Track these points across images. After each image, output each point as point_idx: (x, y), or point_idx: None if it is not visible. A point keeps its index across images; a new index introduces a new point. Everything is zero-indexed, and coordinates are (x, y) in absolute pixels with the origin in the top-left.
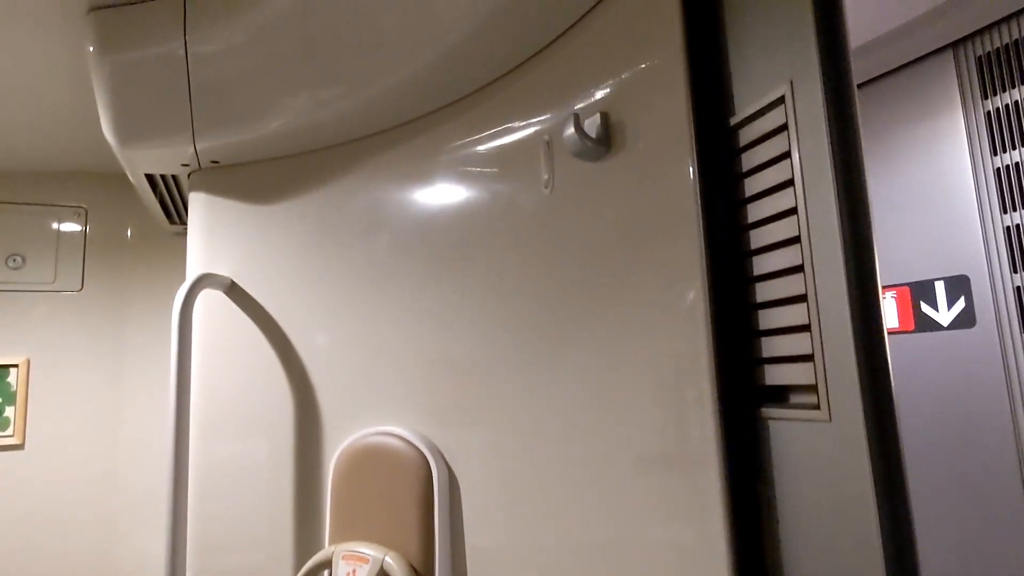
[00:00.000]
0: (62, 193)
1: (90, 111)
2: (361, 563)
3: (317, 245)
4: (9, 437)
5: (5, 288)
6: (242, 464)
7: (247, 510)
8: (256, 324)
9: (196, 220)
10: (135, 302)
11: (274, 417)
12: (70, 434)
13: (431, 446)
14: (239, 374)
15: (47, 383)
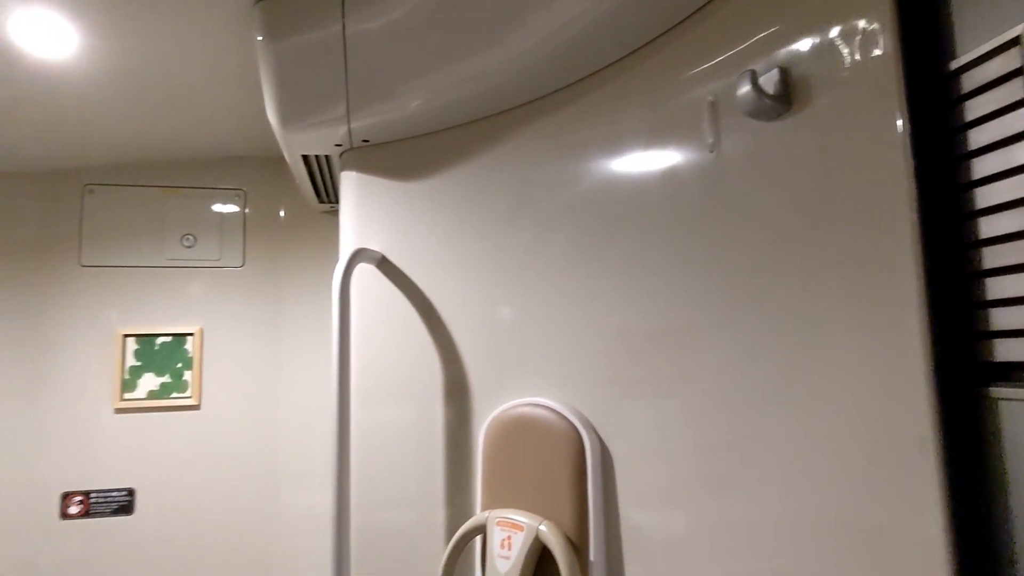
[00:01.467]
0: (224, 177)
1: (250, 99)
2: (516, 530)
3: (465, 219)
4: (188, 398)
5: (181, 265)
6: (395, 429)
7: (399, 472)
8: (406, 297)
9: (348, 198)
10: (288, 277)
11: (424, 385)
12: (237, 396)
13: (582, 418)
14: (390, 344)
15: (217, 350)
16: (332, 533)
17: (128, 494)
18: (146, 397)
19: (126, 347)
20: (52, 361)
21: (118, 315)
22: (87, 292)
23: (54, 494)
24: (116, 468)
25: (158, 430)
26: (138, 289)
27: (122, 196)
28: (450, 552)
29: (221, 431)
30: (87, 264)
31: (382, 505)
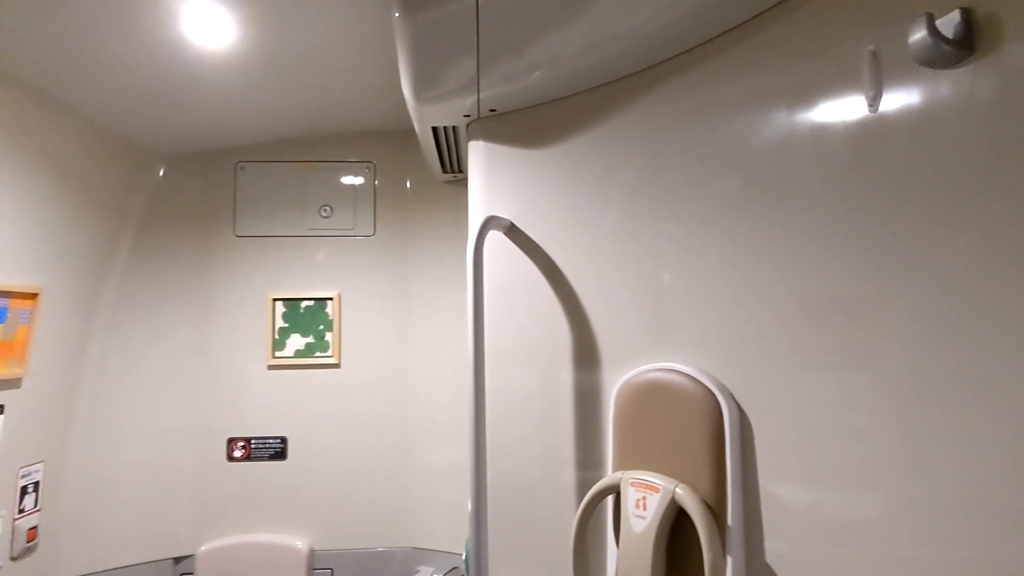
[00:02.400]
0: (355, 151)
1: (382, 75)
2: (651, 491)
3: (593, 185)
4: (329, 357)
5: (320, 234)
6: (524, 392)
7: (529, 433)
8: (534, 262)
9: (475, 167)
10: (415, 244)
11: (553, 350)
12: (372, 355)
13: (719, 385)
14: (519, 309)
15: (353, 313)
16: (472, 488)
17: (281, 442)
18: (293, 356)
19: (275, 310)
20: (215, 322)
21: (268, 281)
22: (241, 260)
23: (221, 440)
24: (271, 418)
25: (305, 385)
26: (284, 256)
27: (268, 172)
28: (584, 508)
29: (359, 388)
30: (241, 235)
31: (513, 463)
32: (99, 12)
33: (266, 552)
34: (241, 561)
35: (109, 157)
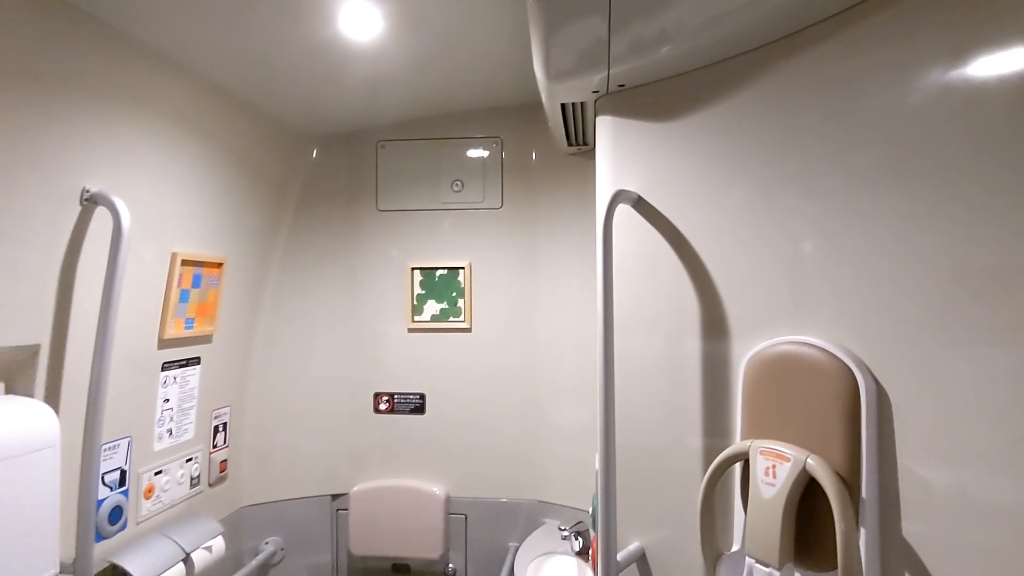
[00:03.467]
0: (483, 126)
1: (510, 53)
2: (781, 460)
3: (723, 157)
4: (461, 322)
5: (452, 207)
6: (649, 359)
7: (653, 399)
8: (661, 234)
9: (603, 141)
10: (540, 215)
11: (679, 320)
12: (500, 322)
13: (856, 359)
14: (644, 279)
15: (483, 282)
16: (601, 448)
17: (420, 398)
18: (430, 320)
19: (413, 278)
20: (362, 288)
21: (406, 251)
22: (382, 232)
23: (368, 393)
24: (411, 376)
25: (441, 347)
26: (420, 229)
27: (405, 149)
28: (712, 472)
29: (489, 350)
30: (382, 208)
31: (639, 426)
32: (274, 21)
33: (409, 495)
34: (388, 501)
35: (274, 142)
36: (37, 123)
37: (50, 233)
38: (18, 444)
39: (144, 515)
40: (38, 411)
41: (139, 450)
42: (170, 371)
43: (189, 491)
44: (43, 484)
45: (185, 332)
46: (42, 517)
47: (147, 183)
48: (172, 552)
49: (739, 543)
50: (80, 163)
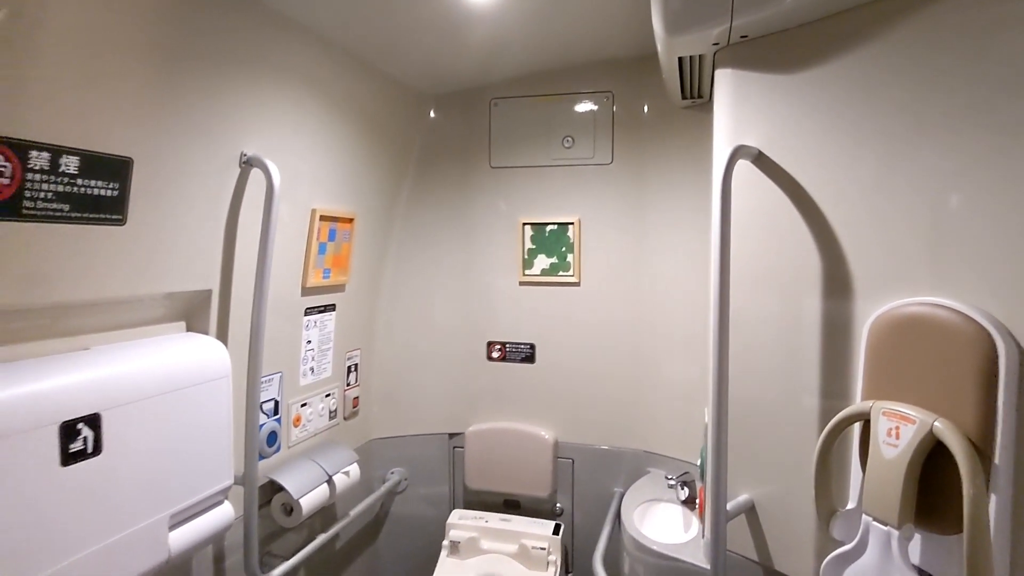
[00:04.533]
0: (594, 81)
1: (624, 6)
2: (905, 422)
3: (853, 108)
4: (570, 276)
5: (563, 164)
6: (766, 315)
7: (769, 355)
8: (783, 190)
9: (723, 95)
10: (651, 170)
11: (799, 277)
12: (609, 276)
13: (995, 322)
14: (762, 236)
15: (592, 237)
16: (711, 402)
17: (531, 348)
18: (540, 274)
19: (524, 233)
20: (477, 243)
21: (518, 206)
22: (495, 189)
23: (482, 342)
24: (522, 327)
25: (550, 300)
26: (531, 185)
27: (517, 107)
28: (830, 430)
29: (597, 304)
30: (495, 166)
31: (752, 383)
32: None
33: (519, 438)
34: (500, 443)
35: (395, 103)
36: (202, 97)
37: (216, 193)
38: (200, 373)
39: (293, 441)
40: (214, 347)
41: (288, 384)
42: (311, 316)
43: (328, 423)
44: (219, 408)
45: (323, 281)
46: (219, 437)
47: (290, 146)
48: (318, 474)
49: (855, 501)
50: (237, 130)
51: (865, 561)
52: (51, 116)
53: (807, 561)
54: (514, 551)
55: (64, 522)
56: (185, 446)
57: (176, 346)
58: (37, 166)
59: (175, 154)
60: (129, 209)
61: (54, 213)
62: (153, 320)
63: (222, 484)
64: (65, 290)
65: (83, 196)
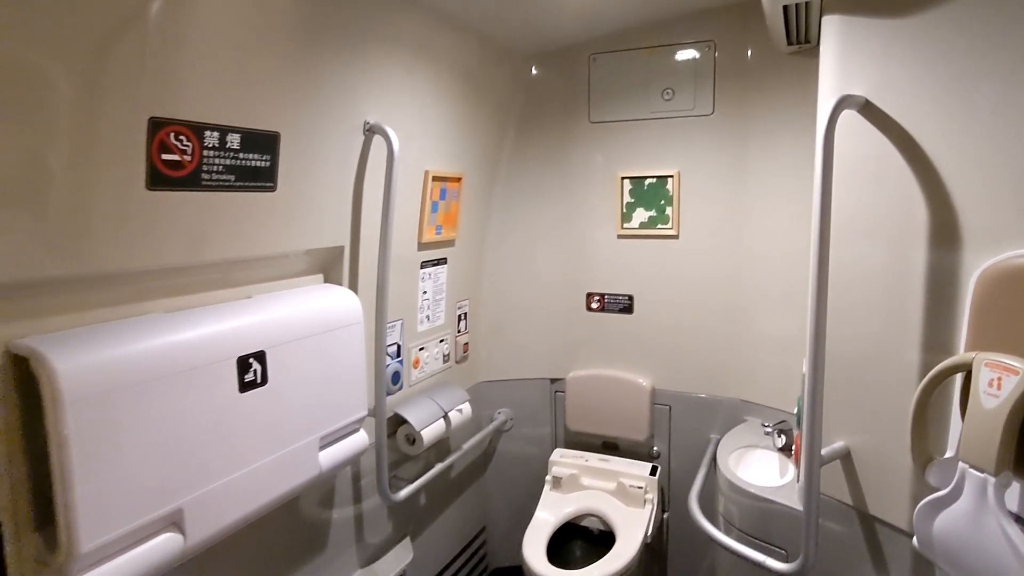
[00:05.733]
0: (695, 31)
1: None
2: (1009, 373)
3: (970, 52)
4: (669, 229)
5: (662, 116)
6: (867, 266)
7: (869, 307)
8: (890, 139)
9: (829, 42)
10: (753, 120)
11: (905, 227)
12: (707, 229)
13: None
14: (868, 185)
15: (691, 190)
16: (809, 350)
17: (629, 299)
18: (638, 227)
19: (623, 187)
20: (576, 197)
21: (617, 161)
22: (594, 143)
23: (582, 293)
24: (620, 279)
25: (648, 253)
26: (630, 139)
27: (616, 61)
28: (929, 380)
29: (696, 257)
30: (594, 120)
31: (850, 335)
32: None
33: (617, 384)
34: (599, 388)
35: (498, 64)
36: (332, 71)
37: (344, 160)
38: (339, 319)
39: (413, 380)
40: (348, 296)
41: (408, 330)
42: (426, 269)
43: (442, 365)
44: (354, 350)
45: (436, 237)
46: (355, 374)
47: (404, 112)
48: (435, 410)
49: (953, 450)
50: (360, 100)
51: (960, 506)
52: (217, 99)
53: (901, 506)
54: (612, 488)
55: (244, 437)
56: (329, 381)
57: (318, 296)
58: (210, 144)
59: (311, 126)
60: (278, 177)
61: (224, 183)
62: (297, 273)
63: (358, 414)
64: (230, 248)
65: (244, 167)
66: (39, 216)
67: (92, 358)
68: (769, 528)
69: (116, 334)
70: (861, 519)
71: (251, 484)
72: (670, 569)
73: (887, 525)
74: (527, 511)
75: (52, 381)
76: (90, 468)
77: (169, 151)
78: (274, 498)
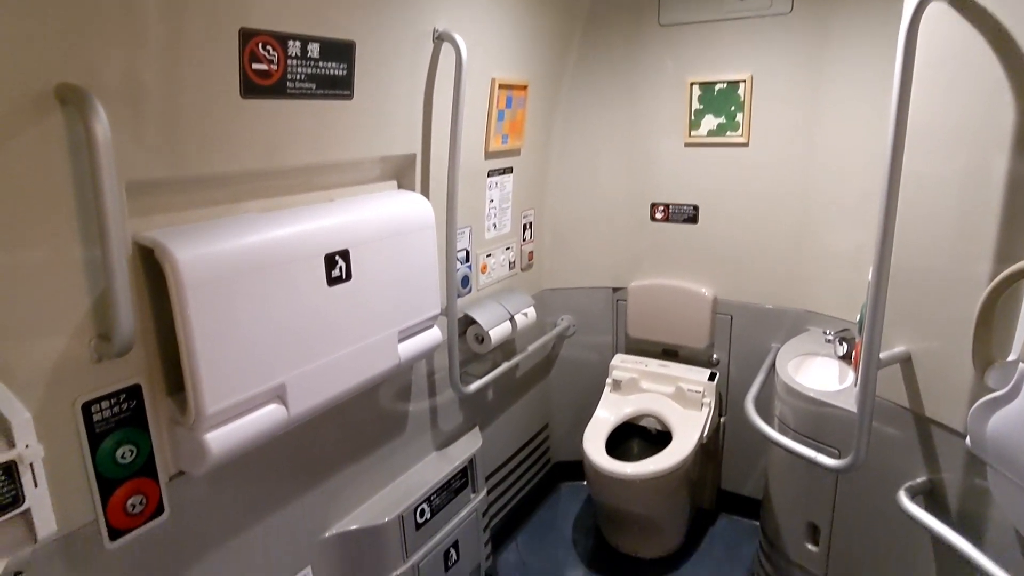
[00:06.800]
0: None
1: None
2: None
3: None
4: (739, 137)
5: (736, 16)
6: (944, 176)
7: (941, 220)
8: (982, 33)
9: None
10: (834, 17)
11: (992, 132)
12: (780, 136)
13: None
14: (953, 88)
15: (764, 95)
16: (875, 267)
17: (694, 209)
18: (707, 135)
19: (692, 93)
20: (643, 103)
21: (686, 65)
22: (662, 47)
23: (646, 203)
24: (686, 188)
25: (715, 162)
26: (701, 42)
27: None
28: (999, 282)
29: (765, 166)
30: (664, 23)
31: (920, 246)
32: None
33: (679, 294)
34: (661, 297)
35: None
36: None
37: (415, 68)
38: (414, 222)
39: (481, 285)
40: (421, 201)
41: (476, 237)
42: (493, 178)
43: (508, 272)
44: (427, 252)
45: (502, 146)
46: (429, 275)
47: (471, 17)
48: (502, 312)
49: (1016, 353)
50: (429, 8)
51: (1016, 406)
52: (295, 8)
53: (957, 409)
54: (671, 392)
55: (334, 327)
56: (405, 280)
57: (394, 200)
58: (293, 53)
59: (383, 34)
60: (355, 85)
61: (306, 91)
62: (372, 179)
63: (432, 312)
64: (312, 154)
65: (324, 76)
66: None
67: (206, 250)
68: (823, 429)
69: (221, 230)
70: (916, 420)
71: (341, 368)
72: (724, 469)
73: (941, 426)
74: (588, 412)
75: (175, 269)
76: (209, 344)
77: (259, 60)
78: (360, 382)
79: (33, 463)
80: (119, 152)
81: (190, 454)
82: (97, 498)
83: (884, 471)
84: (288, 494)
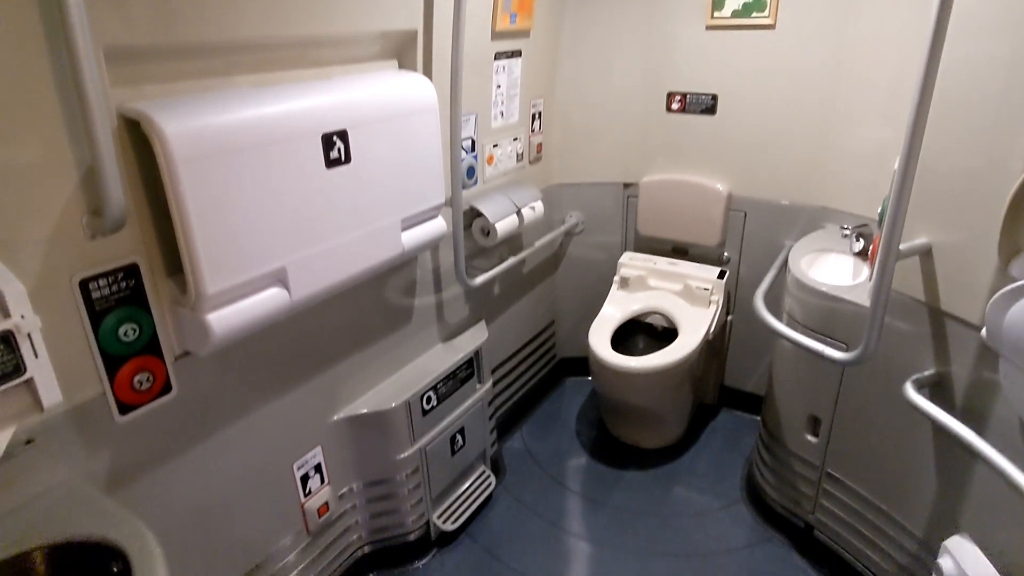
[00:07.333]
0: None
1: None
2: None
3: None
4: (765, 18)
5: None
6: (978, 61)
7: (980, 112)
8: None
9: None
10: None
11: None
12: (810, 18)
13: None
14: None
15: None
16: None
17: (712, 99)
18: (731, 16)
19: None
20: None
21: None
22: None
23: (662, 93)
24: (705, 76)
25: (738, 47)
26: None
27: None
28: None
29: (791, 51)
30: None
31: (952, 134)
32: None
33: (693, 189)
34: (673, 192)
35: None
36: None
37: None
38: (415, 103)
39: (488, 177)
40: (423, 82)
41: (482, 125)
42: (500, 61)
43: (515, 164)
44: (430, 136)
45: (510, 26)
46: (432, 161)
47: None
48: (509, 205)
49: None
50: None
51: None
52: None
53: (976, 303)
54: (679, 290)
55: (334, 211)
56: (407, 166)
57: (394, 80)
58: None
59: None
60: None
61: None
62: (371, 57)
63: (436, 201)
64: (307, 22)
65: None
66: None
67: (196, 123)
68: (832, 324)
69: (212, 104)
70: (931, 314)
71: (343, 254)
72: (729, 365)
73: (957, 320)
74: (594, 311)
75: (163, 143)
76: (206, 223)
77: None
78: (363, 269)
79: (31, 333)
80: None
81: (194, 334)
82: (103, 373)
83: (891, 364)
84: (296, 377)
